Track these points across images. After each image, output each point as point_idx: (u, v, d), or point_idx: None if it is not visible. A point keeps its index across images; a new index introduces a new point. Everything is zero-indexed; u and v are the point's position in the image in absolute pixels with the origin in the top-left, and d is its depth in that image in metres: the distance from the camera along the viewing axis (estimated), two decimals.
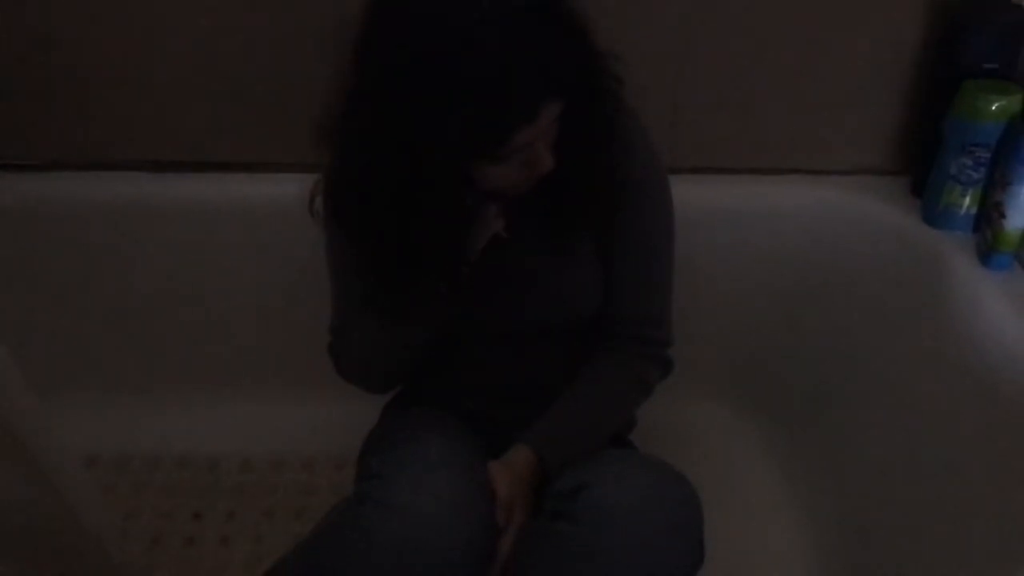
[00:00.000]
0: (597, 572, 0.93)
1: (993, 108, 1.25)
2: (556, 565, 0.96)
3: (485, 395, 1.19)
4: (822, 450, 1.51)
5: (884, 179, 1.47)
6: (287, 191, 1.10)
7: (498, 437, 1.12)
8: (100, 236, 1.54)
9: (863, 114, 1.44)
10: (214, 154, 1.50)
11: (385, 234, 0.96)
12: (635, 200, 1.08)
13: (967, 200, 1.32)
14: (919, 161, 1.40)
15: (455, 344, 1.17)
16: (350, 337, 1.15)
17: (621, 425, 1.26)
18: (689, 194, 1.14)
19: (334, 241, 1.10)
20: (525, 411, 1.13)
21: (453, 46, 0.81)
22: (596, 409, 1.16)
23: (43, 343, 1.59)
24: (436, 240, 0.95)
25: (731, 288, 1.52)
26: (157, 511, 1.52)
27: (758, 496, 1.50)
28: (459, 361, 1.19)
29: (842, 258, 1.46)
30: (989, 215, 1.28)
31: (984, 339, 1.22)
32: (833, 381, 1.50)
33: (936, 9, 1.33)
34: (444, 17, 0.82)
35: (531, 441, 1.10)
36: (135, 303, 1.61)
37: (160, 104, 1.46)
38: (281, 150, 1.42)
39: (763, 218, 1.48)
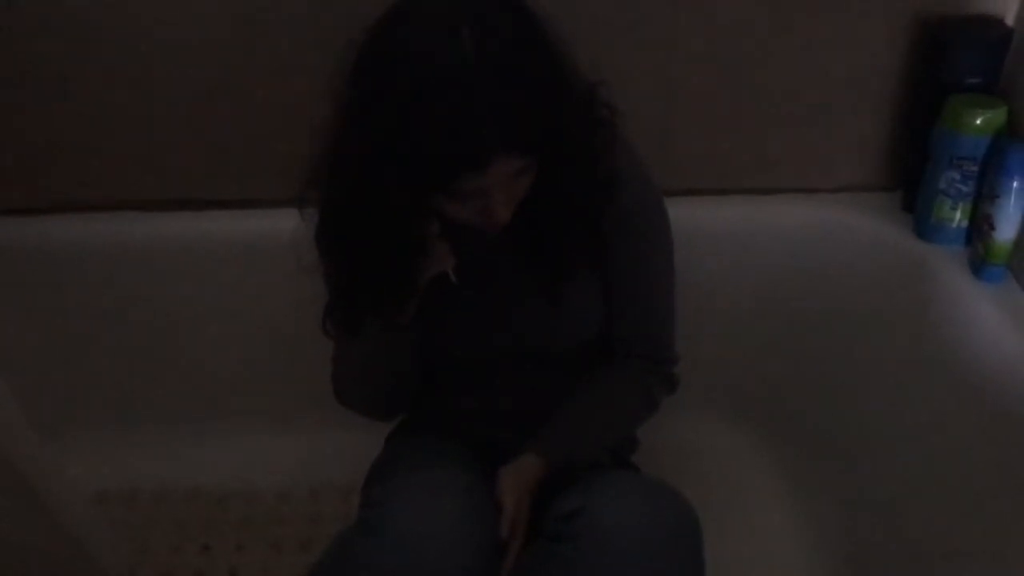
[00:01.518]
0: None
1: (979, 122, 1.27)
2: None
3: (487, 421, 1.20)
4: (823, 466, 1.51)
5: (875, 195, 1.48)
6: (287, 226, 1.12)
7: (500, 462, 1.13)
8: (103, 275, 1.55)
9: (852, 131, 1.45)
10: (213, 192, 1.52)
11: (346, 253, 1.01)
12: (632, 230, 1.08)
13: (958, 214, 1.34)
14: (909, 176, 1.41)
15: (456, 371, 1.18)
16: (339, 366, 1.17)
17: (623, 443, 1.27)
18: (681, 216, 1.14)
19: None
20: (527, 436, 1.14)
21: (416, 82, 0.84)
22: (600, 409, 1.18)
23: (49, 381, 1.60)
24: (384, 262, 0.98)
25: (726, 308, 1.53)
26: (166, 545, 1.53)
27: (759, 514, 1.50)
28: (460, 388, 1.20)
29: (836, 275, 1.47)
30: (980, 228, 1.29)
31: (979, 350, 1.23)
32: (831, 396, 1.51)
33: (920, 26, 1.35)
34: (419, 55, 0.84)
35: (534, 446, 1.11)
36: (139, 340, 1.62)
37: (158, 144, 1.48)
38: (279, 186, 1.43)
39: (756, 238, 1.49)
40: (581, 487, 1.03)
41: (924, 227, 1.37)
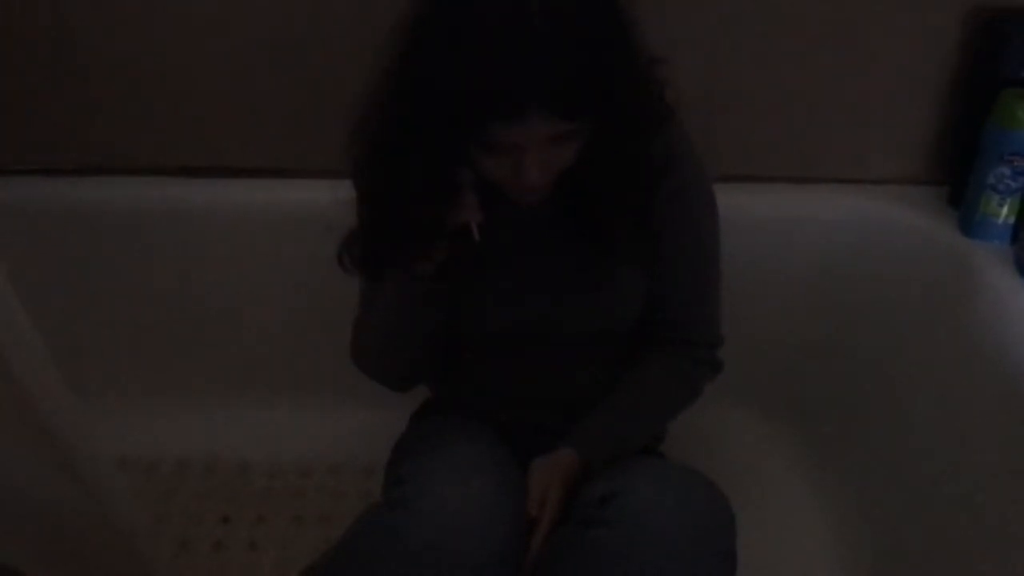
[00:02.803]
0: None
1: None
2: (588, 570, 0.95)
3: (517, 404, 1.19)
4: (855, 461, 1.50)
5: (921, 189, 1.46)
6: (318, 197, 1.11)
7: (529, 446, 1.12)
8: (129, 241, 1.56)
9: (900, 123, 1.43)
10: (243, 160, 1.52)
11: (380, 189, 0.99)
12: (684, 211, 1.07)
13: (1004, 210, 1.31)
14: (957, 171, 1.39)
15: (487, 351, 1.17)
16: (362, 324, 1.15)
17: (658, 432, 1.25)
18: (725, 202, 1.13)
19: None
20: (558, 420, 1.13)
21: (471, 16, 0.83)
22: (642, 410, 1.16)
23: (72, 348, 1.60)
24: (414, 202, 0.95)
25: (766, 297, 1.51)
26: (186, 515, 1.53)
27: (790, 506, 1.49)
28: (490, 369, 1.18)
29: (877, 267, 1.45)
30: None
31: (1021, 349, 1.20)
32: (867, 391, 1.49)
33: (975, 18, 1.32)
34: (474, 16, 0.83)
35: (574, 442, 1.09)
36: (165, 308, 1.62)
37: (190, 110, 1.48)
38: (310, 156, 1.43)
39: (799, 227, 1.47)
40: (613, 472, 1.02)
41: (969, 223, 1.35)
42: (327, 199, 1.04)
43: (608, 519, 0.95)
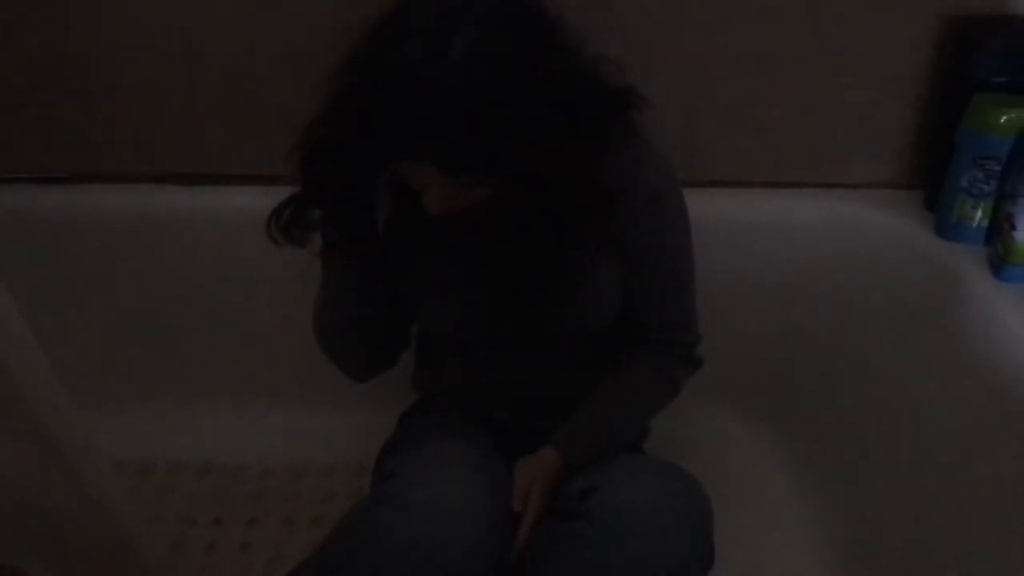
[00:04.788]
0: (608, 568, 0.95)
1: (1003, 121, 1.26)
2: (570, 562, 0.98)
3: (500, 404, 1.21)
4: (836, 460, 1.51)
5: (897, 193, 1.48)
6: None
7: (515, 446, 1.14)
8: (122, 247, 1.57)
9: (876, 128, 1.45)
10: (235, 167, 1.53)
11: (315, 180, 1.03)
12: (651, 214, 1.09)
13: (979, 213, 1.33)
14: (932, 175, 1.41)
15: (466, 355, 1.19)
16: (315, 311, 1.19)
17: (640, 430, 1.28)
18: (703, 207, 1.15)
19: None
20: (542, 419, 1.15)
21: (386, 61, 0.86)
22: (621, 409, 1.18)
23: (67, 351, 1.60)
24: (333, 197, 1.02)
25: (743, 300, 1.53)
26: (179, 517, 1.54)
27: (771, 506, 1.51)
28: (474, 371, 1.20)
29: (855, 271, 1.46)
30: (1000, 227, 1.29)
31: (997, 350, 1.22)
32: (847, 392, 1.51)
33: (948, 24, 1.34)
34: (408, 36, 0.85)
35: (555, 442, 1.12)
36: (159, 313, 1.64)
37: (180, 118, 1.50)
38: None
39: (776, 231, 1.49)
40: (594, 467, 1.04)
41: (944, 225, 1.37)
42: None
43: (589, 512, 0.97)
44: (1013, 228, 1.25)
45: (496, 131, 0.85)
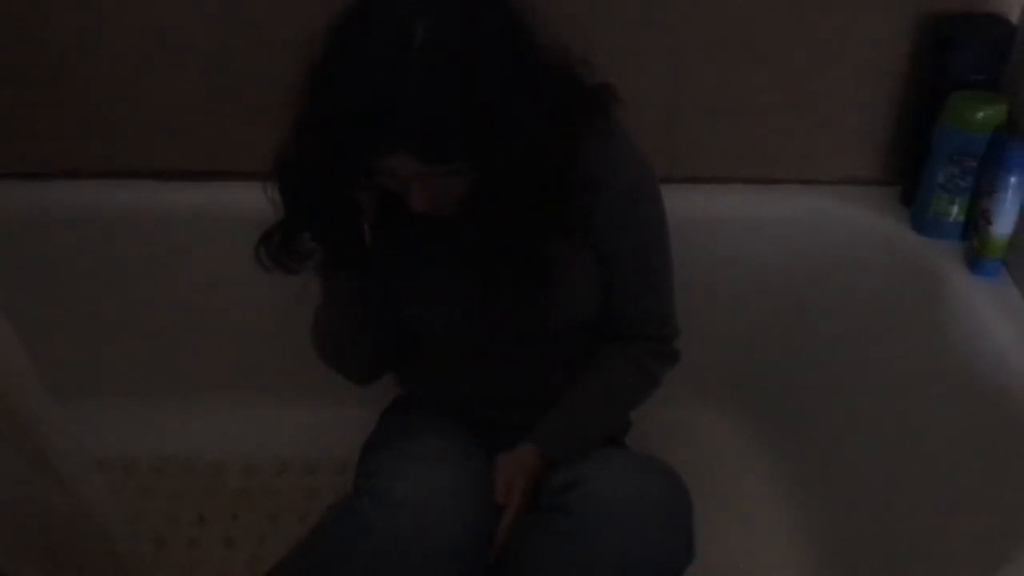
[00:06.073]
0: (590, 559, 0.96)
1: (979, 118, 1.28)
2: (552, 555, 0.99)
3: (482, 400, 1.21)
4: (816, 455, 1.52)
5: (874, 189, 1.49)
6: None
7: (497, 441, 1.15)
8: (105, 243, 1.56)
9: (853, 125, 1.46)
10: (219, 163, 1.53)
11: (297, 193, 1.04)
12: (628, 209, 1.09)
13: (955, 208, 1.35)
14: (908, 171, 1.43)
15: (449, 351, 1.20)
16: (315, 320, 1.19)
17: (619, 424, 1.28)
18: (682, 203, 1.15)
19: None
20: (524, 415, 1.16)
21: (353, 54, 0.87)
22: (600, 403, 1.19)
23: (49, 348, 1.60)
24: (318, 204, 1.02)
25: (723, 296, 1.54)
26: (162, 514, 1.54)
27: (752, 501, 1.52)
28: (456, 367, 1.21)
29: (832, 267, 1.48)
30: (977, 223, 1.30)
31: (974, 344, 1.24)
32: (826, 387, 1.52)
33: (924, 22, 1.36)
34: (374, 29, 0.86)
35: (534, 437, 1.12)
36: (140, 310, 1.63)
37: (166, 113, 1.49)
38: None
39: (754, 227, 1.50)
40: (575, 461, 1.05)
41: (921, 221, 1.39)
42: None
43: (570, 505, 0.98)
44: (989, 223, 1.27)
45: (465, 112, 0.86)
